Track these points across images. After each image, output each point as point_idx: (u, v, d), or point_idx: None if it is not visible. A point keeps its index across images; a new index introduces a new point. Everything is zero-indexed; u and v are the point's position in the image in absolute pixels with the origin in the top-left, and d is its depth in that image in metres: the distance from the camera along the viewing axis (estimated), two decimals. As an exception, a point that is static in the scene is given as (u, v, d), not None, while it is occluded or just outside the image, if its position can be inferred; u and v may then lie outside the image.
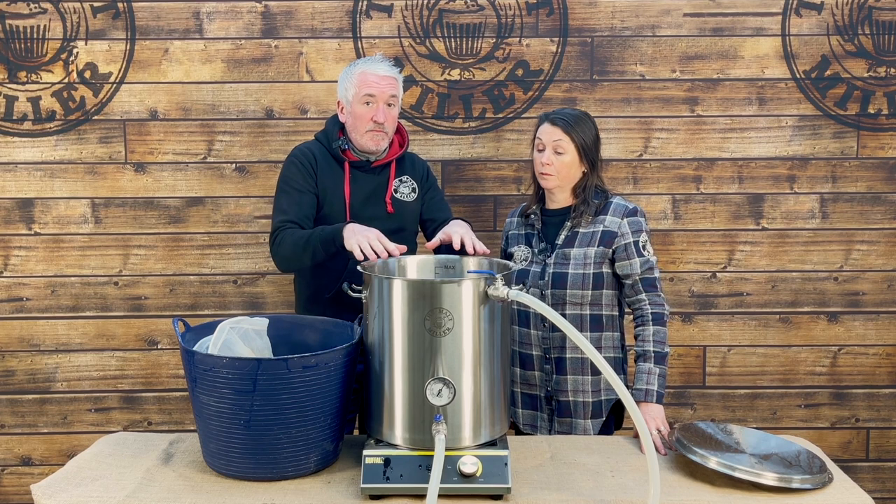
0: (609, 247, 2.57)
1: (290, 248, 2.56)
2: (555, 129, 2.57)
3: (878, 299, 3.44)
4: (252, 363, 2.02)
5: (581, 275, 2.56)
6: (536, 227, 2.67)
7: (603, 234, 2.58)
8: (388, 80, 2.65)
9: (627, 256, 2.56)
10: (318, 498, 2.01)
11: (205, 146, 3.36)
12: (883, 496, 3.48)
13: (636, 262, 2.56)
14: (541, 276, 2.60)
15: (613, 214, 2.59)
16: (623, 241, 2.57)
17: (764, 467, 2.07)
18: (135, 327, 3.43)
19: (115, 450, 2.29)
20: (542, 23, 3.34)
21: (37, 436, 3.46)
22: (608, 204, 2.62)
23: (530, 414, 2.69)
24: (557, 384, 2.61)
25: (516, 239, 2.73)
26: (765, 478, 2.03)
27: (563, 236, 2.61)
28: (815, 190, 3.40)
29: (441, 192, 2.90)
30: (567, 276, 2.57)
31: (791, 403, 3.47)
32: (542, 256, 2.62)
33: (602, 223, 2.59)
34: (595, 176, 2.62)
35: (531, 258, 2.64)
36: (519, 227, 2.74)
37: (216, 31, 3.33)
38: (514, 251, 2.70)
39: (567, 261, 2.58)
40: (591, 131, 2.60)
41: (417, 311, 2.03)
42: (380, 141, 2.68)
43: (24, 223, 3.38)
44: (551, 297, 2.58)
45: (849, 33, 3.35)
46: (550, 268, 2.59)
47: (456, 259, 2.37)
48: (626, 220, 2.58)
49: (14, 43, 3.31)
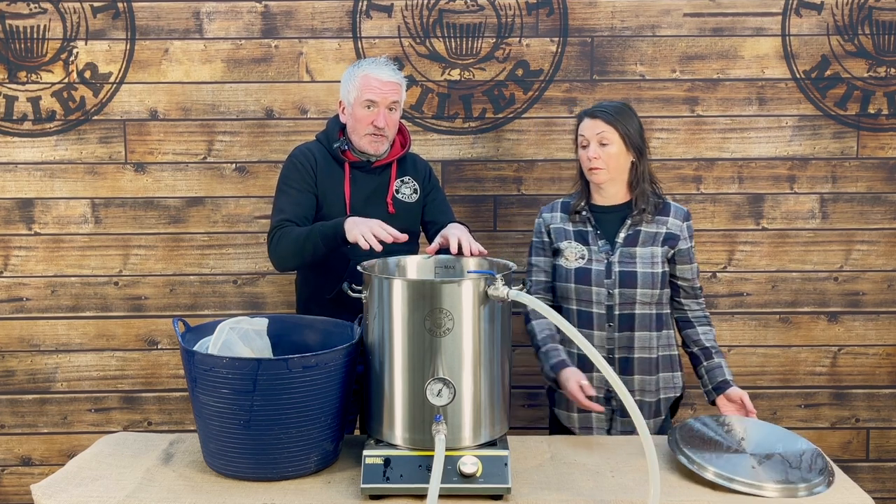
0: (672, 248, 2.57)
1: (288, 246, 2.55)
2: (596, 121, 2.54)
3: (878, 299, 3.44)
4: (252, 363, 2.02)
5: (650, 274, 2.54)
6: (591, 224, 2.61)
7: (667, 235, 2.57)
8: (390, 85, 2.64)
9: (689, 261, 2.59)
10: (318, 498, 2.01)
11: (205, 146, 3.36)
12: (883, 496, 3.48)
13: (694, 267, 2.61)
14: (606, 275, 2.55)
15: (675, 217, 2.59)
16: (685, 244, 2.58)
17: (765, 474, 2.05)
18: (135, 327, 3.43)
19: (115, 450, 2.29)
20: (542, 23, 3.34)
21: (37, 436, 3.46)
22: (667, 205, 2.61)
23: (586, 416, 2.63)
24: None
25: (563, 234, 2.63)
26: (765, 489, 2.01)
27: (623, 234, 2.57)
28: (815, 190, 3.40)
29: (443, 194, 2.89)
30: (636, 276, 2.53)
31: (791, 403, 3.47)
32: (604, 254, 2.57)
33: (665, 224, 2.58)
34: (645, 165, 2.58)
35: (589, 256, 2.57)
36: (564, 221, 2.64)
37: (216, 31, 3.33)
38: (562, 247, 2.62)
39: (633, 259, 2.54)
40: (632, 119, 2.57)
41: (417, 311, 2.03)
42: (378, 145, 2.67)
43: (24, 223, 3.38)
44: (619, 296, 2.54)
45: (849, 33, 3.35)
46: (616, 266, 2.55)
47: (456, 259, 2.37)
48: (685, 223, 2.60)
49: (14, 43, 3.31)
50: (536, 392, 3.44)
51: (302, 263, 2.62)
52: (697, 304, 2.64)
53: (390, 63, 2.70)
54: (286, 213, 2.62)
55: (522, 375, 3.42)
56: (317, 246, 2.49)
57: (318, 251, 2.50)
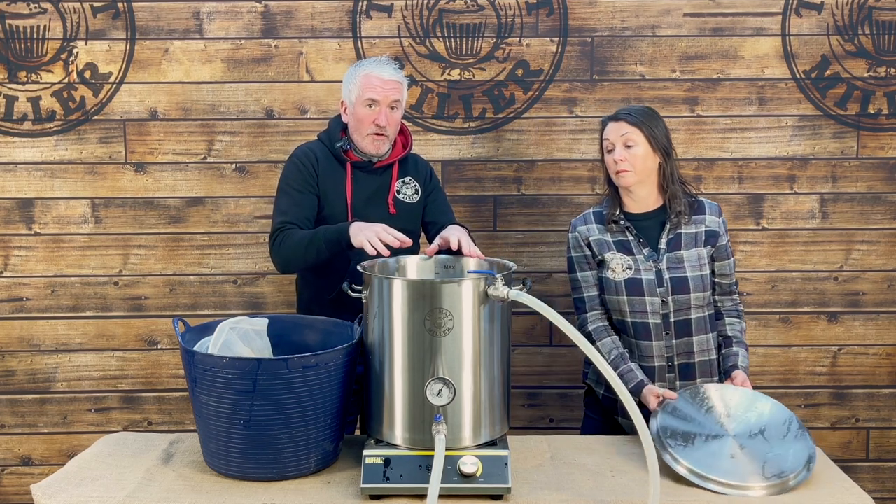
0: (714, 245, 2.55)
1: (291, 249, 2.55)
2: (620, 124, 2.51)
3: (878, 299, 3.44)
4: (252, 363, 2.02)
5: (700, 276, 2.51)
6: (631, 233, 2.54)
7: (707, 233, 2.54)
8: (392, 84, 2.63)
9: (727, 256, 2.57)
10: (318, 498, 2.01)
11: (205, 146, 3.36)
12: (883, 496, 3.48)
13: (732, 262, 2.59)
14: (658, 284, 2.49)
15: (711, 213, 2.56)
16: (723, 240, 2.56)
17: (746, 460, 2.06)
18: (135, 327, 3.43)
19: (115, 450, 2.29)
20: (542, 23, 3.34)
21: (37, 436, 3.46)
22: (700, 203, 2.58)
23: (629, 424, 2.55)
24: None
25: (605, 245, 2.54)
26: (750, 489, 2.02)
27: (664, 239, 2.52)
28: (815, 190, 3.40)
29: (444, 195, 2.89)
30: (688, 280, 2.49)
31: (791, 403, 3.47)
32: (651, 262, 2.51)
33: (703, 223, 2.54)
34: (672, 164, 2.53)
35: (636, 266, 2.50)
36: (602, 233, 2.55)
37: (216, 31, 3.33)
38: (606, 259, 2.54)
39: (681, 264, 2.50)
40: (657, 121, 2.53)
41: (417, 311, 2.03)
42: (380, 145, 2.67)
43: (24, 223, 3.38)
44: (673, 303, 2.49)
45: (849, 33, 3.35)
46: (666, 273, 2.49)
47: (456, 259, 2.37)
48: (721, 218, 2.57)
49: (14, 43, 3.31)
50: (536, 392, 3.45)
51: (305, 267, 2.62)
52: (731, 301, 2.60)
53: (391, 62, 2.70)
54: (288, 215, 2.62)
55: (522, 375, 3.42)
56: (320, 250, 2.49)
57: (322, 256, 2.50)
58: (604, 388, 2.64)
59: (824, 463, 2.24)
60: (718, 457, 2.09)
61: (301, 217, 2.62)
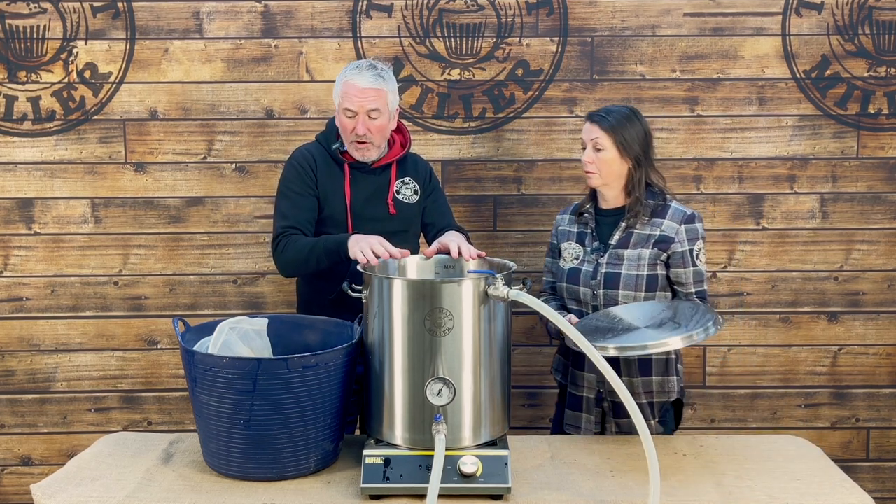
0: (664, 251, 2.55)
1: (293, 255, 2.59)
2: (593, 126, 2.57)
3: (878, 299, 3.44)
4: (252, 363, 2.02)
5: (634, 276, 2.54)
6: (590, 226, 2.64)
7: (660, 237, 2.55)
8: (368, 92, 2.58)
9: (683, 265, 2.56)
10: (318, 498, 2.01)
11: (205, 146, 3.36)
12: (883, 496, 3.48)
13: (692, 271, 2.57)
14: (592, 276, 2.58)
15: (671, 219, 2.56)
16: (680, 247, 2.55)
17: (664, 333, 2.21)
18: (135, 327, 3.43)
19: (115, 450, 2.29)
20: (542, 23, 3.34)
21: (37, 436, 3.46)
22: (666, 207, 2.58)
23: (574, 415, 2.66)
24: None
25: (566, 235, 2.69)
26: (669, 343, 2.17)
27: (616, 236, 2.58)
28: (815, 190, 3.40)
29: (444, 196, 2.89)
30: (620, 277, 2.54)
31: (791, 403, 3.47)
32: (595, 256, 2.59)
33: (659, 227, 2.56)
34: (643, 172, 2.56)
35: (583, 257, 2.62)
36: (571, 223, 2.70)
37: (216, 31, 3.33)
38: (563, 247, 2.68)
39: (620, 261, 2.56)
40: (633, 127, 2.55)
41: (417, 311, 2.03)
42: (364, 152, 2.66)
43: (24, 223, 3.38)
44: (603, 297, 2.55)
45: (849, 33, 3.34)
46: (603, 268, 2.57)
47: (456, 259, 2.37)
48: (684, 226, 2.56)
49: (14, 43, 3.31)
50: (536, 392, 3.44)
51: (306, 272, 2.65)
52: None
53: (374, 67, 2.63)
54: (289, 219, 2.63)
55: (522, 375, 3.42)
56: (320, 259, 2.53)
57: (322, 264, 2.54)
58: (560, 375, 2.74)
59: (824, 463, 2.25)
60: (639, 337, 2.22)
61: (302, 220, 2.63)
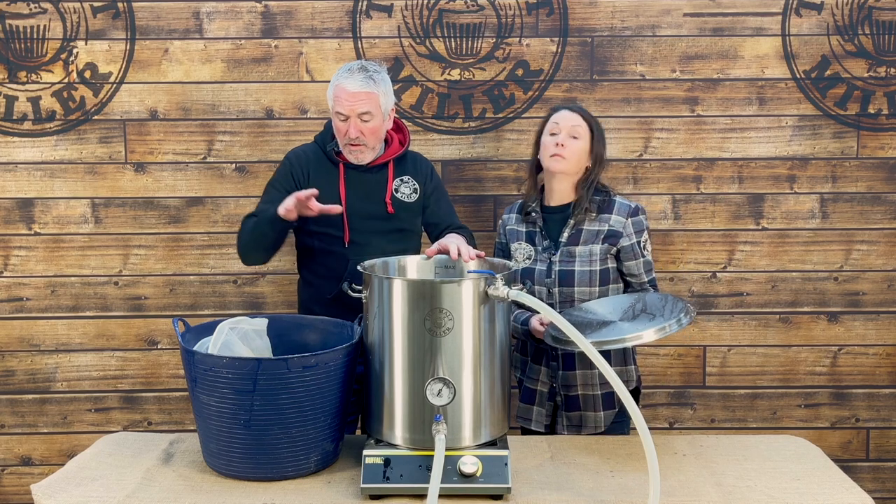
0: (614, 245, 2.61)
1: (246, 235, 2.66)
2: (574, 115, 2.64)
3: (878, 299, 3.44)
4: (252, 363, 2.02)
5: (588, 272, 2.59)
6: (538, 225, 2.67)
7: (608, 232, 2.61)
8: (359, 96, 2.58)
9: (634, 256, 2.63)
10: (318, 498, 2.01)
11: (205, 146, 3.36)
12: (883, 496, 3.48)
13: (640, 262, 2.64)
14: (547, 275, 2.61)
15: (618, 214, 2.62)
16: (628, 241, 2.61)
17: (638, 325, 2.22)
18: (135, 327, 3.43)
19: (115, 450, 2.29)
20: (542, 23, 3.34)
21: (37, 436, 3.46)
22: (611, 202, 2.64)
23: (525, 408, 2.72)
24: (565, 379, 2.63)
25: (515, 235, 2.72)
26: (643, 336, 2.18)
27: (566, 234, 2.63)
28: (815, 190, 3.40)
29: (446, 195, 2.88)
30: (574, 274, 2.59)
31: (791, 403, 3.47)
32: (547, 254, 2.63)
33: (607, 222, 2.62)
34: (598, 173, 2.66)
35: (535, 256, 2.65)
36: (518, 223, 2.73)
37: (216, 31, 3.33)
38: (514, 248, 2.71)
39: (572, 258, 2.60)
40: (603, 133, 2.69)
41: (417, 311, 2.03)
42: (358, 154, 2.67)
43: (24, 223, 3.38)
44: (559, 294, 2.60)
45: (849, 33, 3.34)
46: (556, 265, 2.61)
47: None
48: (630, 220, 2.62)
49: (14, 43, 3.31)
50: (536, 392, 3.44)
51: (263, 252, 2.70)
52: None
53: (365, 69, 2.62)
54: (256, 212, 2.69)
55: (522, 375, 3.41)
56: (266, 231, 2.58)
57: (268, 237, 2.60)
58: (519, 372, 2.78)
59: (824, 463, 2.25)
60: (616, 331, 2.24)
61: None
